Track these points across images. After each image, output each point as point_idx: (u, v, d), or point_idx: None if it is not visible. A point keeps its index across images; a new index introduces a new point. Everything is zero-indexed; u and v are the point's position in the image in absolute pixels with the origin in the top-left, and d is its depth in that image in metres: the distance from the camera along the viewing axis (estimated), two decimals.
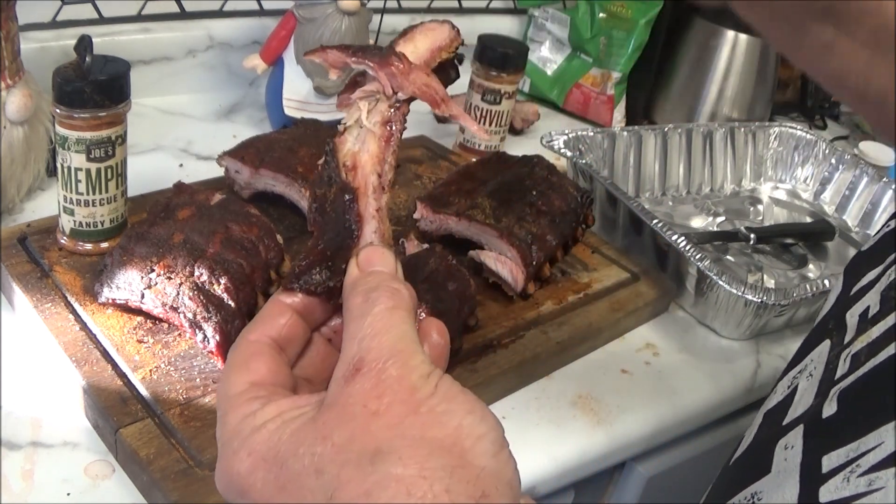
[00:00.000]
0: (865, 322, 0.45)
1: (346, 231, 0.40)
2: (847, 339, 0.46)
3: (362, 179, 0.41)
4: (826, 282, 0.82)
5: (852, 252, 1.06)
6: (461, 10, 1.38)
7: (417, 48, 0.45)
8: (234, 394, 0.36)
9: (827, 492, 0.37)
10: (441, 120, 1.17)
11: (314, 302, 0.40)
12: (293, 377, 0.38)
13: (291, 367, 0.39)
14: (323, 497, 0.31)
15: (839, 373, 0.44)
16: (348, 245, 0.40)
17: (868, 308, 0.45)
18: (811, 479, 0.39)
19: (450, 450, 0.31)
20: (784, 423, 0.46)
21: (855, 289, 0.49)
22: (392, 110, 0.43)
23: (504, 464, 0.32)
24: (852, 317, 0.47)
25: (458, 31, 0.47)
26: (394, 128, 0.43)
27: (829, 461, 0.39)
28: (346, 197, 0.41)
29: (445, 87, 0.46)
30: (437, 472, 0.31)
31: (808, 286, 0.81)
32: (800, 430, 0.43)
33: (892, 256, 0.47)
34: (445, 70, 0.48)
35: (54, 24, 1.01)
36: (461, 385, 0.34)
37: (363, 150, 0.42)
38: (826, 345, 0.48)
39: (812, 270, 0.99)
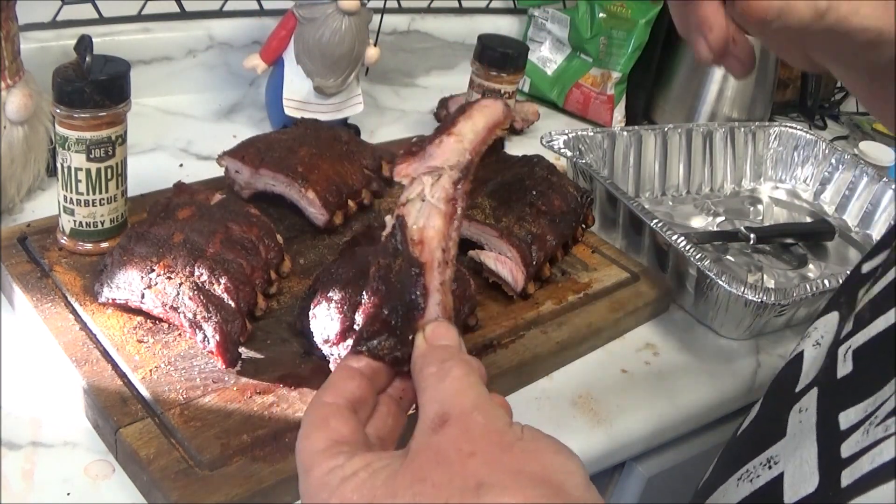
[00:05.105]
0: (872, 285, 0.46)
1: (412, 303, 0.42)
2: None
3: (429, 254, 0.43)
4: (826, 282, 0.82)
5: (852, 252, 1.06)
6: (461, 10, 1.38)
7: (476, 126, 0.47)
8: (318, 450, 0.37)
9: (848, 447, 0.38)
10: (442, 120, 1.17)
11: (380, 367, 0.42)
12: (367, 437, 0.40)
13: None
14: None
15: (844, 332, 0.44)
16: (414, 317, 0.42)
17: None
18: (830, 437, 0.40)
19: (547, 482, 0.33)
20: (797, 390, 0.46)
21: (866, 268, 0.49)
22: (456, 188, 0.45)
23: (596, 497, 0.34)
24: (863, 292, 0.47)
25: (510, 108, 0.48)
26: (458, 205, 0.44)
27: (846, 418, 0.40)
28: (414, 271, 0.43)
29: (491, 156, 0.49)
30: (542, 499, 0.32)
31: (808, 286, 0.81)
32: (813, 392, 0.44)
33: None
34: (494, 144, 0.50)
35: (54, 24, 1.01)
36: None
37: (429, 226, 0.43)
38: (835, 315, 0.49)
39: (812, 270, 0.99)
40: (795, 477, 0.40)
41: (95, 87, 0.68)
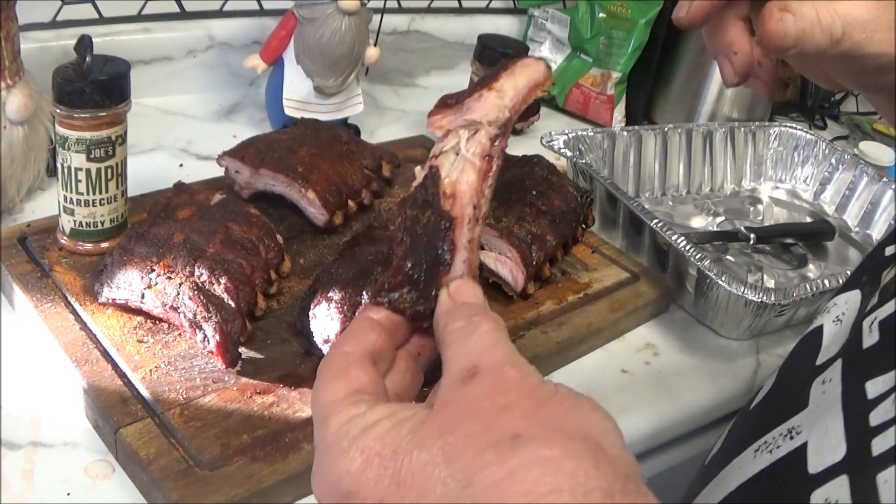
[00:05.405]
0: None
1: (438, 258, 0.41)
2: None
3: (460, 209, 0.42)
4: (826, 282, 0.82)
5: (852, 252, 1.06)
6: (461, 10, 1.38)
7: (517, 84, 0.46)
8: (336, 399, 0.36)
9: (878, 416, 0.37)
10: None
11: (400, 321, 0.41)
12: (386, 390, 0.39)
13: None
14: (456, 485, 0.31)
15: (869, 305, 0.44)
16: (438, 272, 0.41)
17: None
18: (856, 406, 0.39)
19: (586, 438, 0.32)
20: (818, 363, 0.46)
21: (889, 251, 0.49)
22: (493, 144, 0.43)
23: (632, 458, 0.33)
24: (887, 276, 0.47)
25: (550, 69, 0.48)
26: (494, 162, 0.43)
27: (874, 387, 0.39)
28: (443, 224, 0.41)
29: (527, 119, 0.48)
30: (582, 453, 0.31)
31: (808, 286, 0.81)
32: (837, 364, 0.43)
33: None
34: (531, 105, 0.49)
35: (54, 24, 1.01)
36: None
37: (462, 180, 0.42)
38: (856, 293, 0.48)
39: (812, 270, 0.99)
40: (820, 446, 0.40)
41: (95, 87, 0.68)
